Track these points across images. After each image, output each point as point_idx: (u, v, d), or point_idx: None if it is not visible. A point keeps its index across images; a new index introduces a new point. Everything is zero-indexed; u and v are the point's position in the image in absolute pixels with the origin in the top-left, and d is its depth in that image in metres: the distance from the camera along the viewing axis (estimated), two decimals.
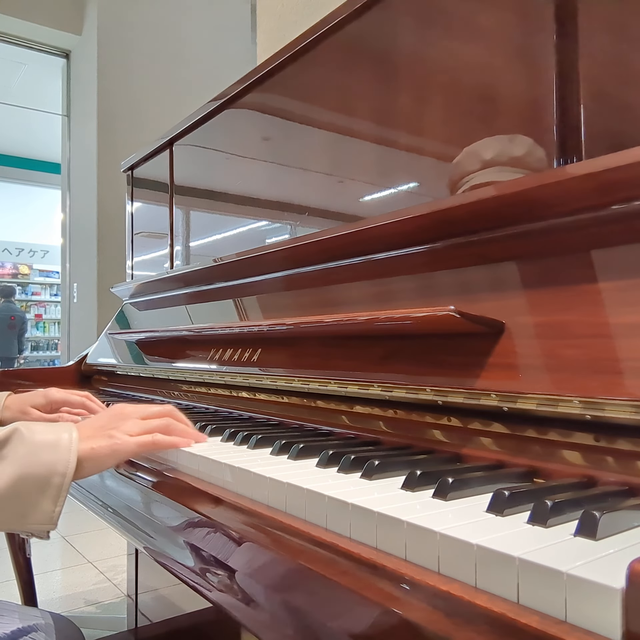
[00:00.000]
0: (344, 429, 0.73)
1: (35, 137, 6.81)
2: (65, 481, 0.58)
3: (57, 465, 0.59)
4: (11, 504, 0.56)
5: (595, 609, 0.29)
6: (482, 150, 0.70)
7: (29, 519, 0.57)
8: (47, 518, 0.58)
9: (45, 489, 0.57)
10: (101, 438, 0.63)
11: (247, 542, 0.49)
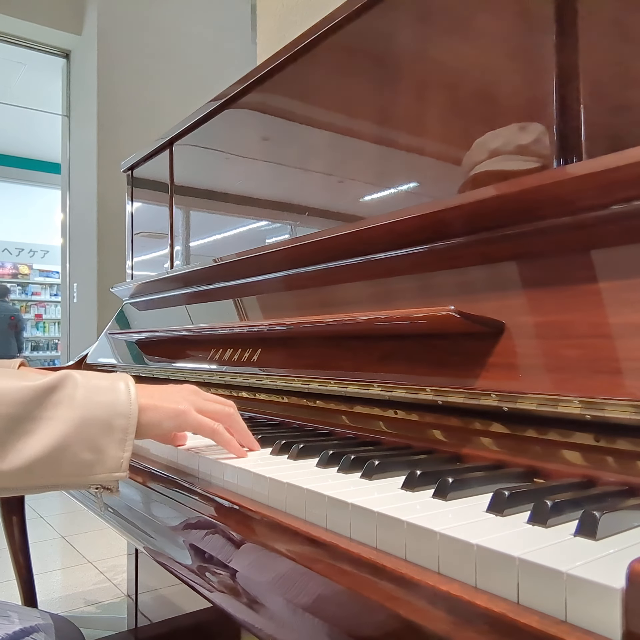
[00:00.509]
0: (344, 429, 0.73)
1: (35, 137, 6.82)
2: (130, 423, 0.55)
3: (119, 406, 0.55)
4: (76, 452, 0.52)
5: (595, 609, 0.29)
6: (489, 140, 0.70)
7: (96, 467, 0.53)
8: (115, 464, 0.53)
9: (110, 432, 0.53)
10: (165, 400, 0.60)
11: (248, 542, 0.49)
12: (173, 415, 0.59)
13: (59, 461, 0.51)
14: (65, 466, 0.52)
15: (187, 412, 0.60)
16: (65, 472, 0.52)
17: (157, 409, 0.58)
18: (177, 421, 0.59)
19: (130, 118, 4.03)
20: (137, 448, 0.67)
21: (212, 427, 0.61)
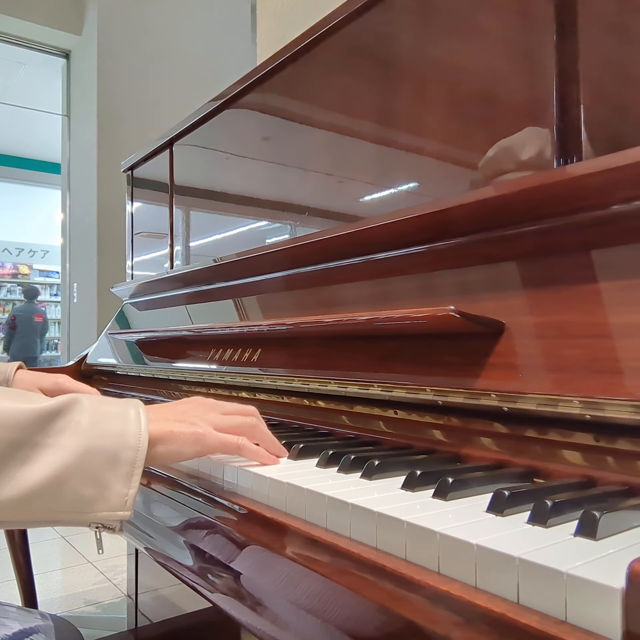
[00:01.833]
0: (344, 429, 0.73)
1: (35, 137, 6.82)
2: (138, 456, 0.49)
3: (128, 437, 0.50)
4: (76, 486, 0.47)
5: (595, 609, 0.29)
6: (519, 147, 0.67)
7: (97, 504, 0.48)
8: (119, 502, 0.48)
9: (115, 465, 0.49)
10: (181, 423, 0.55)
11: (248, 543, 0.49)
12: (192, 441, 0.54)
13: (59, 495, 0.47)
14: (65, 501, 0.47)
15: (206, 435, 0.55)
16: (64, 507, 0.48)
17: (173, 437, 0.54)
18: (197, 447, 0.55)
19: (130, 118, 4.03)
20: None
21: (237, 444, 0.57)
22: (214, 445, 0.56)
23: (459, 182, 0.75)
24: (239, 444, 0.57)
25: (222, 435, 0.56)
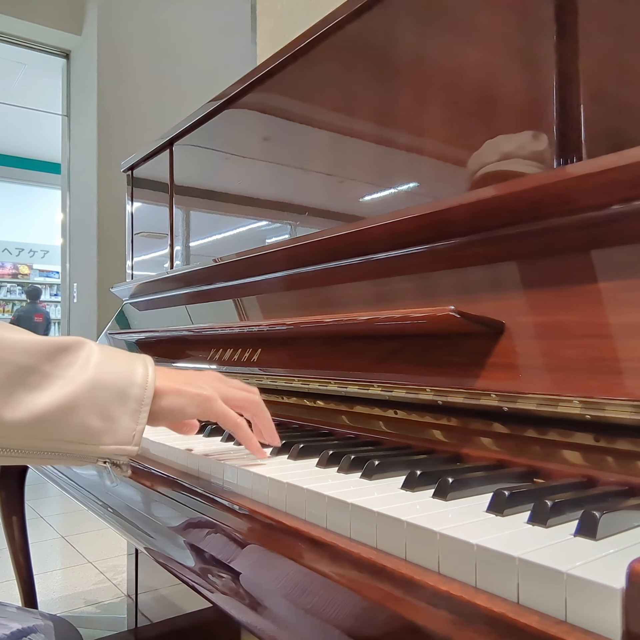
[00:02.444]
0: (344, 429, 0.73)
1: (35, 137, 6.82)
2: (146, 394, 0.50)
3: (136, 376, 0.51)
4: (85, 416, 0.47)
5: (595, 609, 0.29)
6: (503, 142, 0.69)
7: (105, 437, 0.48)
8: (127, 437, 0.49)
9: (123, 401, 0.49)
10: (188, 385, 0.55)
11: (248, 543, 0.49)
12: (199, 401, 0.55)
13: (66, 423, 0.47)
14: (73, 430, 0.48)
15: (212, 400, 0.56)
16: (72, 437, 0.48)
17: (180, 393, 0.54)
18: (201, 407, 0.55)
19: (130, 118, 4.03)
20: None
21: (235, 421, 0.57)
22: (217, 413, 0.56)
23: (459, 182, 0.75)
24: (237, 423, 0.57)
25: (225, 407, 0.57)
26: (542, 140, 0.65)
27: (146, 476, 0.69)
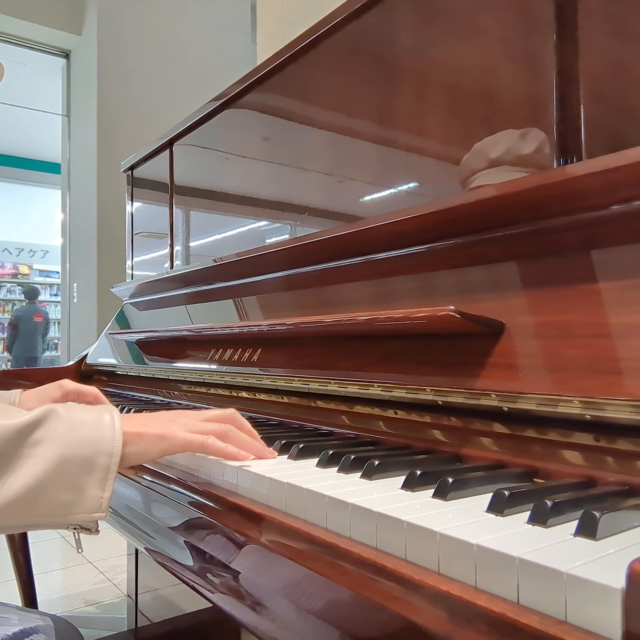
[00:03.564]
0: (344, 429, 0.73)
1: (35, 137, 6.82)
2: (112, 462, 0.53)
3: (102, 443, 0.53)
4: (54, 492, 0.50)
5: (595, 609, 0.29)
6: (490, 147, 0.69)
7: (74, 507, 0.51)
8: (95, 505, 0.52)
9: (90, 471, 0.51)
10: (150, 427, 0.57)
11: (248, 543, 0.49)
12: (158, 440, 0.57)
13: (37, 501, 0.50)
14: (44, 506, 0.50)
15: (172, 435, 0.58)
16: (44, 512, 0.51)
17: (141, 437, 0.56)
18: (162, 445, 0.57)
19: (130, 118, 4.03)
20: None
21: (201, 442, 0.58)
22: (179, 444, 0.58)
23: (459, 182, 0.75)
24: (203, 442, 0.58)
25: (188, 434, 0.58)
26: (543, 140, 0.65)
27: (146, 476, 0.69)
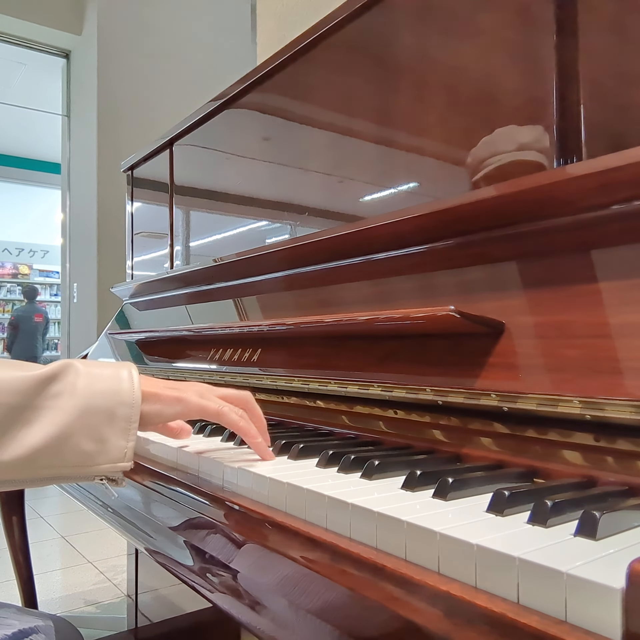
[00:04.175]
0: (344, 429, 0.73)
1: (35, 137, 6.82)
2: (133, 412, 0.53)
3: (122, 394, 0.53)
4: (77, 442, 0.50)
5: (595, 609, 0.29)
6: (515, 133, 0.68)
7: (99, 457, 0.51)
8: (119, 454, 0.52)
9: (112, 421, 0.52)
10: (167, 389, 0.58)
11: (248, 542, 0.49)
12: (174, 401, 0.57)
13: (61, 451, 0.50)
14: (68, 456, 0.51)
15: (188, 399, 0.58)
16: (68, 462, 0.51)
17: (158, 397, 0.57)
18: (177, 407, 0.58)
19: (130, 118, 4.03)
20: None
21: (216, 409, 0.58)
22: (195, 409, 0.58)
23: (459, 182, 0.75)
24: (218, 410, 0.58)
25: (203, 400, 0.58)
26: (542, 140, 0.65)
27: (146, 476, 0.69)
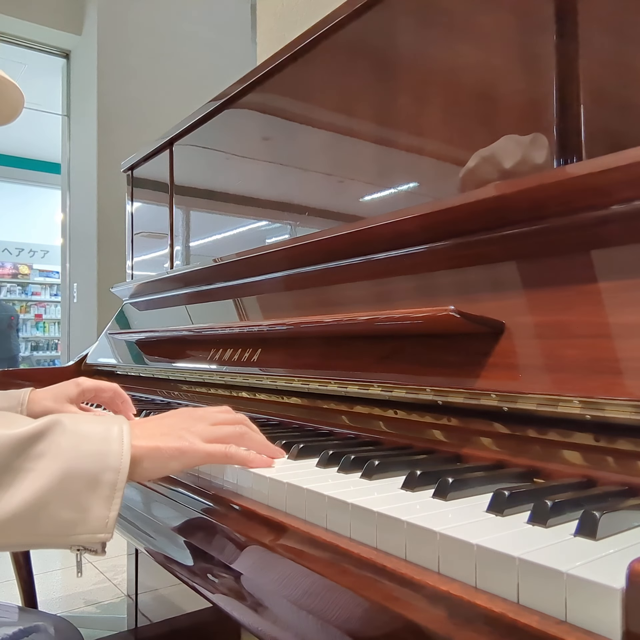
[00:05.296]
0: (344, 429, 0.73)
1: (35, 137, 6.81)
2: (119, 478, 0.49)
3: (109, 458, 0.49)
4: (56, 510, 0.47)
5: (595, 609, 0.29)
6: (501, 155, 0.67)
7: (78, 527, 0.48)
8: (100, 525, 0.48)
9: (95, 488, 0.48)
10: (168, 437, 0.54)
11: (249, 543, 0.49)
12: (178, 454, 0.54)
13: (38, 519, 0.47)
14: (44, 525, 0.47)
15: (193, 447, 0.55)
16: (44, 531, 0.47)
17: (159, 451, 0.53)
18: (183, 460, 0.54)
19: (130, 118, 4.03)
20: None
21: (224, 452, 0.56)
22: (201, 456, 0.55)
23: (459, 182, 0.75)
24: (226, 452, 0.56)
25: (208, 445, 0.56)
26: (542, 140, 0.65)
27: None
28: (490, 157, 0.69)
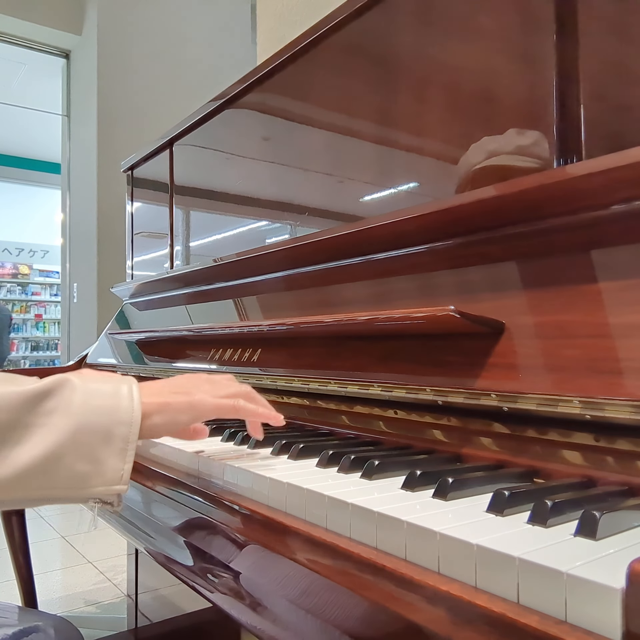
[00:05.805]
0: (344, 429, 0.73)
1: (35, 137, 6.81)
2: (132, 431, 0.50)
3: (120, 412, 0.50)
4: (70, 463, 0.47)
5: (595, 609, 0.29)
6: (488, 142, 0.69)
7: (93, 480, 0.48)
8: (115, 477, 0.49)
9: (109, 441, 0.49)
10: (177, 394, 0.56)
11: (248, 543, 0.49)
12: (187, 408, 0.55)
13: (53, 472, 0.47)
14: (60, 478, 0.48)
15: (201, 401, 0.56)
16: (60, 484, 0.48)
17: (168, 405, 0.54)
18: (192, 413, 0.55)
19: (130, 118, 4.03)
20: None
21: (233, 405, 0.57)
22: (210, 409, 0.56)
23: (459, 182, 0.75)
24: (235, 405, 0.57)
25: (216, 399, 0.57)
26: (542, 140, 0.65)
27: (146, 476, 0.69)
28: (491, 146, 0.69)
